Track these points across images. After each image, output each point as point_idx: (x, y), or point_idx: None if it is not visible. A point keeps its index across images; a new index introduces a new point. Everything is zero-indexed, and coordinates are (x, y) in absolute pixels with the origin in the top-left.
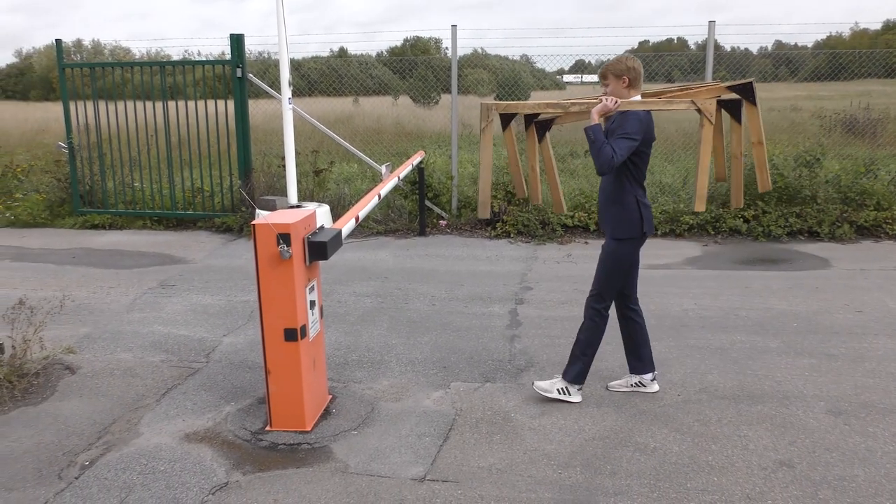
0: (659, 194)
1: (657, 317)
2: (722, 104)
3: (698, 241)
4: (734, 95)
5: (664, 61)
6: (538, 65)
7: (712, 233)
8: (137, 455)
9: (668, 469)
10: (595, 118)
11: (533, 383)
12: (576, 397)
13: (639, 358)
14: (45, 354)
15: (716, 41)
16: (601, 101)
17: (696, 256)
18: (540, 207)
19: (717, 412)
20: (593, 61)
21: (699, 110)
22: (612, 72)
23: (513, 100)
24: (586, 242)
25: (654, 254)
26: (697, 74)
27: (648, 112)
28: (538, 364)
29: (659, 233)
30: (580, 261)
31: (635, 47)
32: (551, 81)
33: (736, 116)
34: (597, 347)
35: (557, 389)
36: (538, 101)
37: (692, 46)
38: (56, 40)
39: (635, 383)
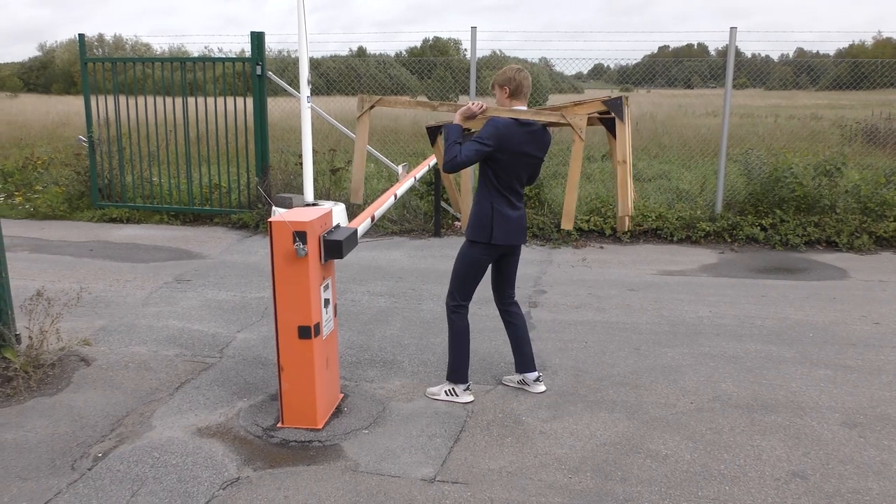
0: (675, 200)
1: (671, 323)
2: (600, 120)
3: (714, 248)
4: (606, 112)
5: (684, 67)
6: (557, 68)
7: (729, 240)
8: (150, 448)
9: (679, 477)
10: (456, 118)
11: (426, 390)
12: (464, 397)
13: (520, 355)
14: (61, 346)
15: (737, 48)
16: (465, 105)
17: (713, 264)
18: (555, 211)
19: (730, 421)
20: (612, 66)
21: (569, 125)
22: (497, 81)
23: (531, 104)
24: (601, 247)
25: (670, 260)
26: (717, 81)
27: (515, 122)
28: (550, 367)
29: (675, 239)
30: (595, 265)
31: (655, 52)
32: (570, 85)
33: (612, 130)
34: (465, 345)
35: (445, 391)
36: (409, 99)
37: (712, 53)
38: (79, 35)
39: (519, 381)
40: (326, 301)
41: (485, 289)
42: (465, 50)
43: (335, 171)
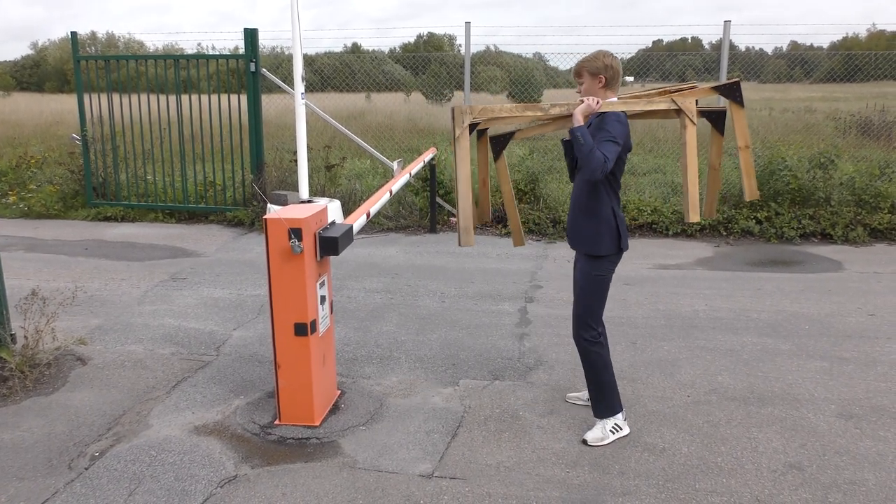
0: (671, 194)
1: (667, 317)
2: (704, 114)
3: (710, 241)
4: (715, 104)
5: (678, 61)
6: (551, 63)
7: (724, 234)
8: (147, 447)
9: (676, 470)
10: (580, 119)
11: (583, 440)
12: (626, 428)
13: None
14: (57, 345)
15: (730, 41)
16: (583, 101)
17: (708, 257)
18: (550, 205)
19: (727, 414)
20: None
21: (679, 111)
22: (588, 69)
23: (525, 98)
24: None
25: (666, 254)
26: (711, 74)
27: (626, 115)
28: (547, 363)
29: (670, 233)
30: None
31: (649, 46)
32: (564, 80)
33: (718, 126)
34: (611, 372)
35: (610, 430)
36: (515, 105)
37: (706, 46)
38: (71, 32)
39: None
40: (322, 298)
41: (483, 283)
42: (460, 45)
43: (330, 167)
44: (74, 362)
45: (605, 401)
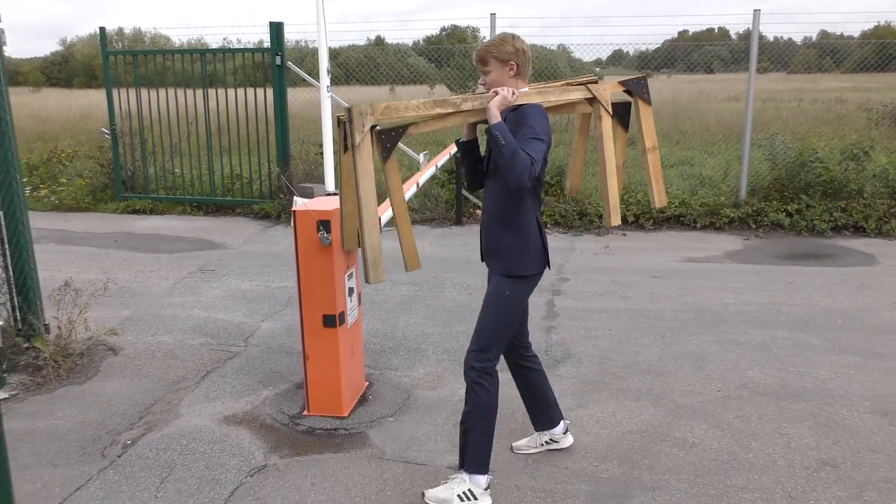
0: (698, 186)
1: (696, 310)
2: (614, 105)
3: (739, 234)
4: (625, 97)
5: (704, 52)
6: (575, 55)
7: (753, 226)
8: (178, 436)
9: (707, 465)
10: (496, 115)
11: (422, 493)
12: (485, 500)
13: (545, 409)
14: (89, 335)
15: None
16: (497, 93)
17: (737, 250)
18: (577, 198)
19: (758, 409)
20: (631, 52)
21: (593, 100)
22: (496, 55)
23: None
24: (624, 234)
25: (694, 247)
26: (739, 65)
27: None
28: (575, 356)
29: (698, 226)
30: (618, 253)
31: (675, 37)
32: (589, 72)
33: (622, 121)
34: (493, 420)
35: (458, 496)
36: (425, 100)
37: (733, 36)
38: (100, 28)
39: (546, 441)
40: (350, 290)
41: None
42: (484, 38)
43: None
44: (106, 352)
45: (473, 454)
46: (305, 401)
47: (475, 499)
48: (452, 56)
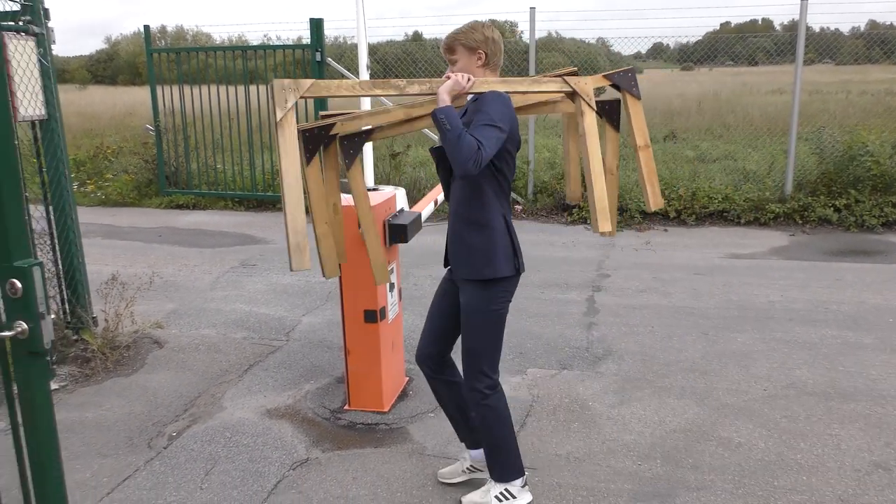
0: (742, 181)
1: (740, 308)
2: (597, 105)
3: (785, 230)
4: (609, 95)
5: (748, 44)
6: (614, 48)
7: (800, 222)
8: (221, 428)
9: (753, 466)
10: (446, 99)
11: (459, 502)
12: (524, 497)
13: (472, 428)
14: (136, 328)
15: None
16: (449, 78)
17: (783, 246)
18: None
19: (806, 409)
20: (671, 44)
21: (573, 94)
22: (464, 42)
23: None
24: (665, 230)
25: (738, 243)
26: (783, 57)
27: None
28: (616, 353)
29: (742, 221)
30: (659, 249)
31: (717, 29)
32: (628, 66)
33: (612, 120)
34: (510, 426)
35: (496, 497)
36: (362, 80)
37: (777, 27)
38: (144, 27)
39: (468, 468)
40: (392, 285)
41: (549, 272)
42: (522, 32)
43: (395, 155)
44: (151, 345)
45: (500, 462)
46: (346, 395)
47: (513, 497)
48: None
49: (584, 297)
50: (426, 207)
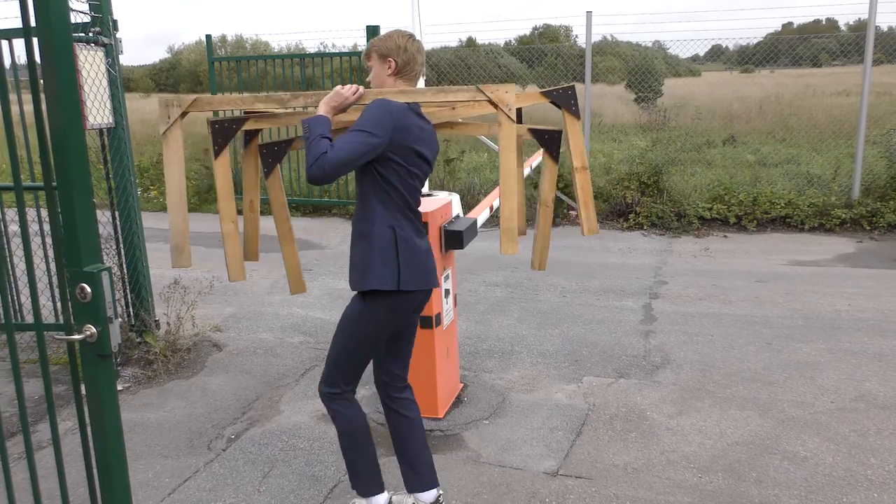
0: (806, 186)
1: (805, 317)
2: (534, 134)
3: (852, 237)
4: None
5: (810, 44)
6: (671, 51)
7: (868, 228)
8: (279, 432)
9: (820, 481)
10: (323, 109)
11: None
12: None
13: (413, 467)
14: (196, 332)
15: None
16: (336, 89)
17: (850, 253)
18: (674, 199)
19: (877, 423)
20: (731, 46)
21: (492, 104)
22: (378, 49)
23: (645, 89)
24: (725, 236)
25: (801, 249)
26: (848, 58)
27: (410, 108)
28: (675, 362)
29: (806, 227)
30: (719, 255)
31: (778, 30)
32: (685, 68)
33: (552, 150)
34: (359, 446)
35: None
36: (246, 95)
37: (842, 28)
38: (206, 36)
39: None
40: (447, 291)
41: (605, 278)
42: (577, 36)
43: (449, 161)
44: (211, 348)
45: (352, 473)
46: None
47: None
48: (544, 55)
49: (641, 304)
50: (482, 213)
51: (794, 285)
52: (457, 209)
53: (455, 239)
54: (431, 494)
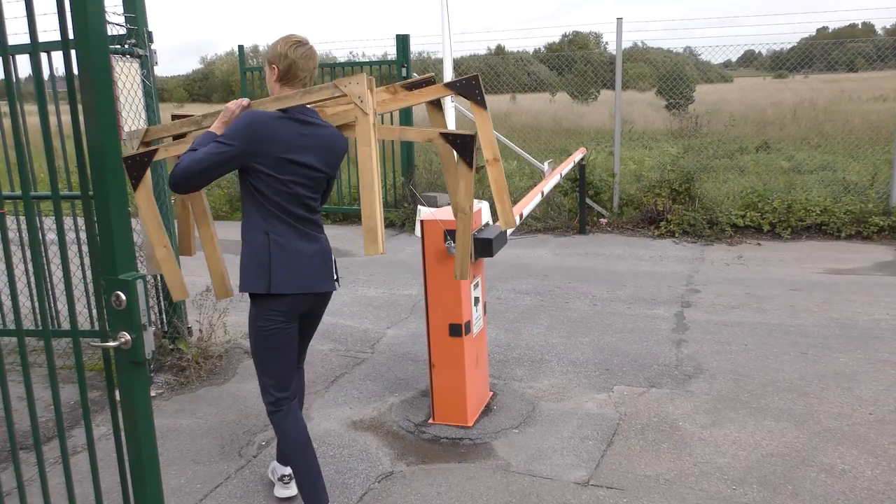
0: (842, 193)
1: (842, 326)
2: (448, 139)
3: (890, 244)
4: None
5: (846, 49)
6: (703, 57)
7: None
8: None
9: (859, 495)
10: (214, 126)
11: None
12: None
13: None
14: (227, 338)
15: None
16: (227, 105)
17: (888, 261)
18: (707, 206)
19: None
20: (764, 51)
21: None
22: (266, 57)
23: (676, 96)
24: (759, 244)
25: (838, 257)
26: (886, 62)
27: (280, 115)
28: (708, 371)
29: (842, 235)
30: (752, 263)
31: (813, 34)
32: (717, 74)
33: (465, 157)
34: (303, 456)
35: None
36: (176, 121)
37: (879, 32)
38: (238, 46)
39: (271, 470)
40: (476, 299)
41: (636, 286)
42: (606, 43)
43: (478, 169)
44: (242, 355)
45: (298, 481)
46: (431, 409)
47: None
48: (574, 63)
49: (673, 312)
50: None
51: (830, 294)
52: (486, 217)
53: (484, 246)
54: (281, 470)
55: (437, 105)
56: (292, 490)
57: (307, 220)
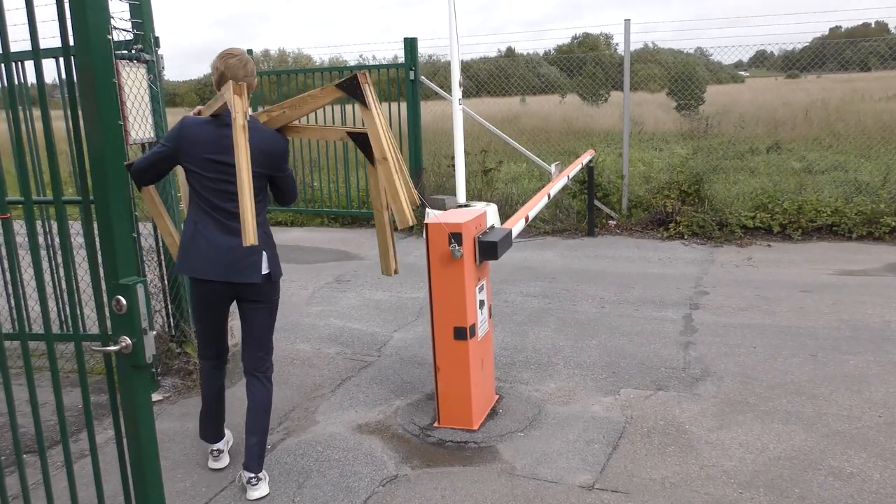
0: (854, 193)
1: (853, 328)
2: (352, 137)
3: None
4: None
5: (859, 48)
6: (714, 57)
7: None
8: (314, 442)
9: (868, 498)
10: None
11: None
12: (210, 461)
13: (246, 444)
14: (234, 342)
15: None
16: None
17: None
18: (717, 207)
19: None
20: (776, 51)
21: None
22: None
23: (686, 97)
24: (769, 245)
25: (849, 259)
26: None
27: (208, 120)
28: (715, 374)
29: (854, 236)
30: (762, 265)
31: (825, 34)
32: (728, 75)
33: (368, 154)
34: (209, 404)
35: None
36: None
37: (892, 30)
38: (248, 51)
39: (238, 478)
40: (481, 302)
41: (644, 289)
42: (616, 44)
43: (487, 171)
44: None
45: (199, 424)
46: (436, 412)
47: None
48: (584, 64)
49: (681, 314)
50: (517, 223)
51: (841, 295)
52: (492, 219)
53: (489, 249)
54: (245, 475)
55: (363, 104)
56: (223, 462)
57: (231, 213)
